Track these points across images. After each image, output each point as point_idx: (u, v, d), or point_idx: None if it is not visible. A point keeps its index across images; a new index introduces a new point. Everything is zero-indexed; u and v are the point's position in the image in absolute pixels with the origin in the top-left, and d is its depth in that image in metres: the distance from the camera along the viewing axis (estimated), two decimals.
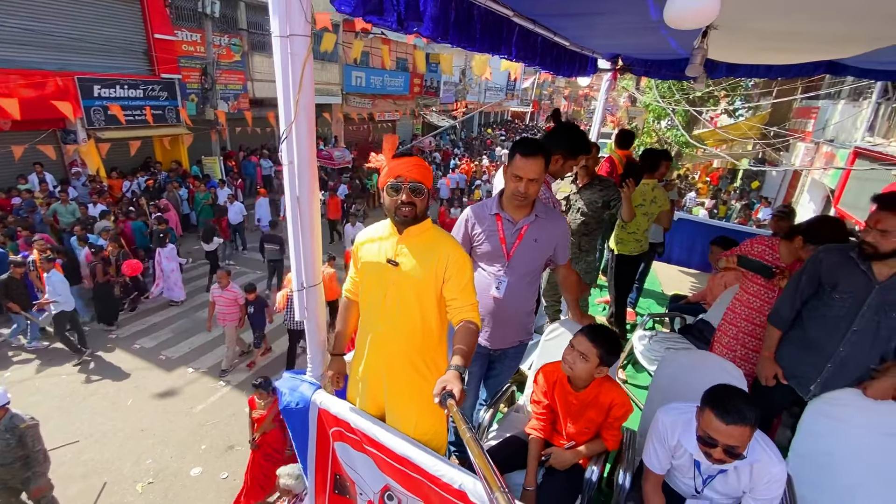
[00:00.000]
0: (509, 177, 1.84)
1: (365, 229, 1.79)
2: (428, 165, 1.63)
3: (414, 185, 1.57)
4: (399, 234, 1.64)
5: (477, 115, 27.30)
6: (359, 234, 1.78)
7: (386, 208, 1.63)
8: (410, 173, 1.57)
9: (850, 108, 9.43)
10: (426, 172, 1.59)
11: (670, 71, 5.13)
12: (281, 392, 1.89)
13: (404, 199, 1.57)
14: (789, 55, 3.90)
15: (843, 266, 1.95)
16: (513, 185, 1.82)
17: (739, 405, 1.41)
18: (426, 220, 1.65)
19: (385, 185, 1.60)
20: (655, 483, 1.71)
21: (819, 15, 2.49)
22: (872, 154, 7.69)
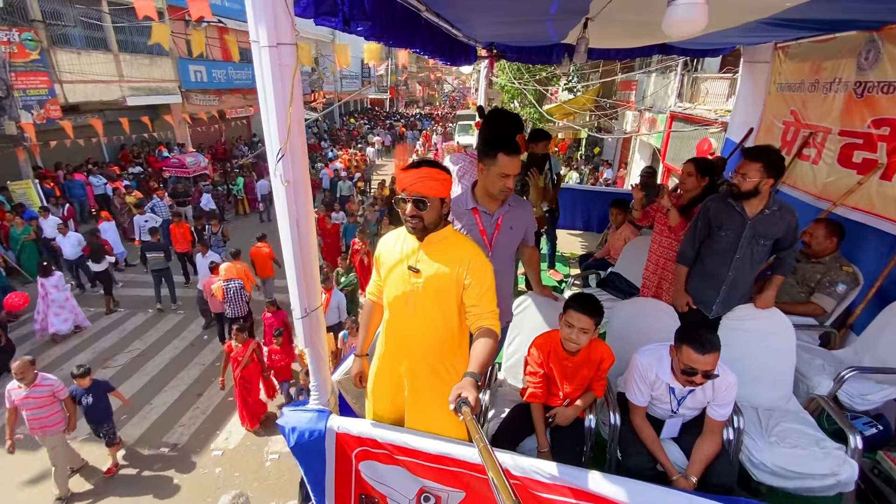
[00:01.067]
0: (494, 176, 1.93)
1: (387, 235, 1.79)
2: (439, 175, 1.61)
3: (416, 199, 1.58)
4: (420, 241, 1.65)
5: (337, 106, 26.37)
6: (381, 240, 1.77)
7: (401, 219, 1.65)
8: (414, 187, 1.58)
9: (661, 79, 11.44)
10: (434, 183, 1.59)
11: (539, 56, 5.68)
12: (287, 430, 1.75)
13: (408, 212, 1.58)
14: (637, 40, 4.63)
15: (724, 210, 2.49)
16: (500, 182, 1.93)
17: (709, 336, 1.76)
18: (447, 226, 1.68)
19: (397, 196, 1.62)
20: (642, 414, 2.04)
21: None
22: (684, 116, 9.51)
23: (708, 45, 5.06)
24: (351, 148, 20.41)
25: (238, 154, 17.90)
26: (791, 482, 2.03)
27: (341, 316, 6.09)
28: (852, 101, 3.27)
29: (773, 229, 2.37)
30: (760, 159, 2.28)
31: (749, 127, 5.01)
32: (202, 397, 6.10)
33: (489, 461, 1.08)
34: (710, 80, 8.93)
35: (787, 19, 2.98)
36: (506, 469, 1.67)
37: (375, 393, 1.88)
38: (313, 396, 1.79)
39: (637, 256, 3.67)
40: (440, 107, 45.30)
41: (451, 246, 1.66)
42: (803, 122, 3.92)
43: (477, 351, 1.53)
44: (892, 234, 2.90)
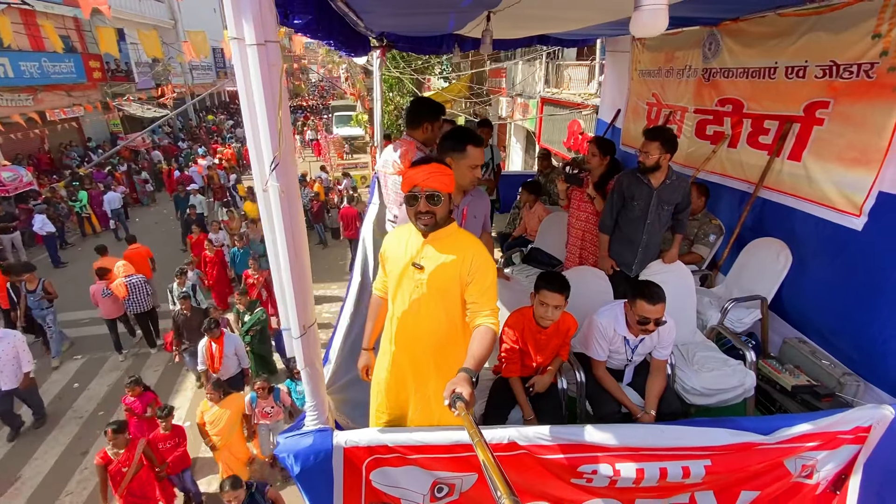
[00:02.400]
0: (465, 168, 1.99)
1: (391, 231, 1.72)
2: (446, 170, 1.61)
3: (430, 194, 1.57)
4: (424, 238, 1.63)
5: (190, 101, 23.42)
6: (387, 236, 1.74)
7: (408, 217, 1.63)
8: (426, 182, 1.57)
9: (528, 67, 12.41)
10: (444, 178, 1.59)
11: (430, 47, 5.76)
12: (289, 459, 1.63)
13: (421, 208, 1.57)
14: (523, 32, 4.99)
15: (634, 183, 2.90)
16: (471, 174, 2.00)
17: (656, 290, 2.07)
18: (451, 223, 1.68)
19: (406, 194, 1.58)
20: (603, 367, 2.32)
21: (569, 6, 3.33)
22: (553, 101, 10.49)
23: (579, 36, 5.66)
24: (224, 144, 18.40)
25: (69, 163, 14.96)
26: (713, 398, 2.50)
27: (242, 362, 5.19)
28: (702, 84, 3.98)
29: (674, 196, 2.83)
30: (658, 138, 2.70)
31: (617, 108, 5.77)
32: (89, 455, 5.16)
33: (485, 455, 1.09)
34: (571, 67, 9.96)
35: None
36: (512, 441, 1.79)
37: (379, 387, 1.89)
38: (311, 417, 1.68)
39: (553, 231, 4.05)
40: (308, 98, 43.04)
41: (455, 243, 1.69)
42: (664, 102, 4.65)
43: (474, 347, 1.56)
44: (742, 190, 3.63)
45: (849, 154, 2.73)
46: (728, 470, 1.97)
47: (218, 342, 4.94)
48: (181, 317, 5.69)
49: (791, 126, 3.13)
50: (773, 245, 3.29)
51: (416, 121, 2.64)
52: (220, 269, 7.72)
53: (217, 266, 7.68)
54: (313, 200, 11.09)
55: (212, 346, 4.96)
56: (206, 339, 4.95)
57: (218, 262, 7.68)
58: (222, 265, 7.75)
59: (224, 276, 7.83)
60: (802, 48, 2.97)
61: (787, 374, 2.81)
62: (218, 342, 4.94)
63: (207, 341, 4.96)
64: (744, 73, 3.50)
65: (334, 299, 8.76)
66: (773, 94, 3.27)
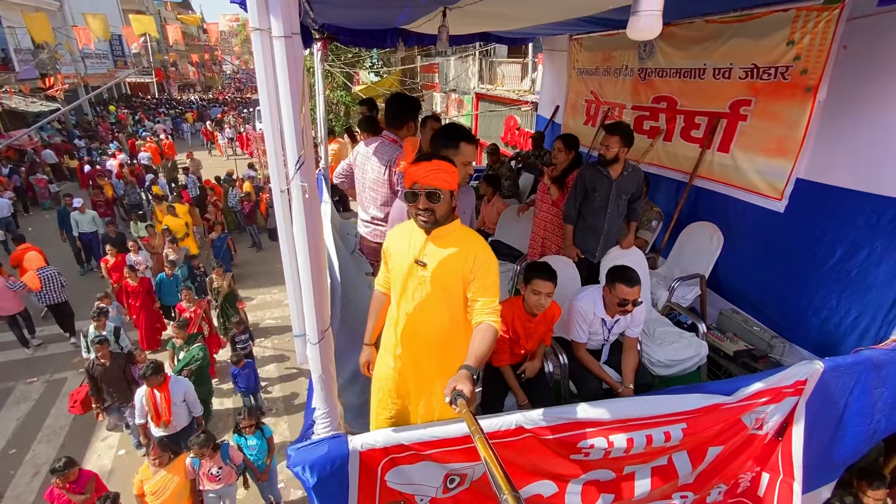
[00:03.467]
0: (458, 165, 1.97)
1: (394, 228, 1.69)
2: (449, 167, 1.59)
3: (430, 191, 1.56)
4: (427, 235, 1.63)
5: (83, 93, 20.86)
6: (389, 232, 1.73)
7: (409, 214, 1.61)
8: (426, 179, 1.56)
9: (461, 63, 12.60)
10: (445, 176, 1.59)
11: (373, 41, 5.66)
12: (304, 470, 1.56)
13: (421, 206, 1.56)
14: (471, 28, 5.06)
15: (595, 175, 3.10)
16: (464, 171, 2.01)
17: (633, 273, 2.25)
18: (454, 220, 1.68)
19: (407, 190, 1.57)
20: (584, 349, 2.48)
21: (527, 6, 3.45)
22: (488, 96, 10.76)
23: (520, 35, 5.86)
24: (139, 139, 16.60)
25: None
26: (674, 369, 2.77)
27: (193, 410, 4.30)
28: (638, 83, 4.32)
29: (630, 186, 3.07)
30: (618, 133, 2.91)
31: (556, 105, 6.07)
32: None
33: (486, 453, 1.09)
34: (504, 65, 10.28)
35: (590, 18, 3.74)
36: (520, 426, 1.87)
37: (380, 384, 1.89)
38: (322, 425, 1.62)
39: (512, 224, 4.20)
40: (223, 91, 40.20)
41: (458, 240, 1.69)
42: (602, 99, 4.98)
43: (475, 345, 1.57)
44: (678, 180, 4.02)
45: (770, 146, 3.12)
46: (700, 430, 2.20)
47: (163, 389, 4.05)
48: (98, 368, 4.53)
49: (719, 121, 3.51)
50: (706, 228, 3.68)
51: (400, 119, 2.60)
52: (144, 300, 6.31)
53: (141, 297, 6.26)
54: (244, 201, 10.43)
55: (155, 396, 4.04)
56: (146, 389, 4.03)
57: (143, 293, 6.27)
58: (148, 296, 6.38)
59: (151, 311, 6.50)
60: (728, 52, 3.34)
61: (728, 341, 3.18)
62: (163, 389, 4.05)
63: (148, 391, 4.03)
64: (676, 74, 3.86)
65: (276, 304, 8.36)
66: (702, 92, 3.64)
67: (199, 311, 5.65)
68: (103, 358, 4.55)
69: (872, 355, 2.38)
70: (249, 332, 5.85)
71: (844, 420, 2.49)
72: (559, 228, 3.45)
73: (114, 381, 4.59)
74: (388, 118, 2.78)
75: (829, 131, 2.78)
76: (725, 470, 2.44)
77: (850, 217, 2.66)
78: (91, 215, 8.78)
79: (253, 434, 3.91)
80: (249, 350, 5.62)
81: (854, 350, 2.54)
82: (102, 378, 4.59)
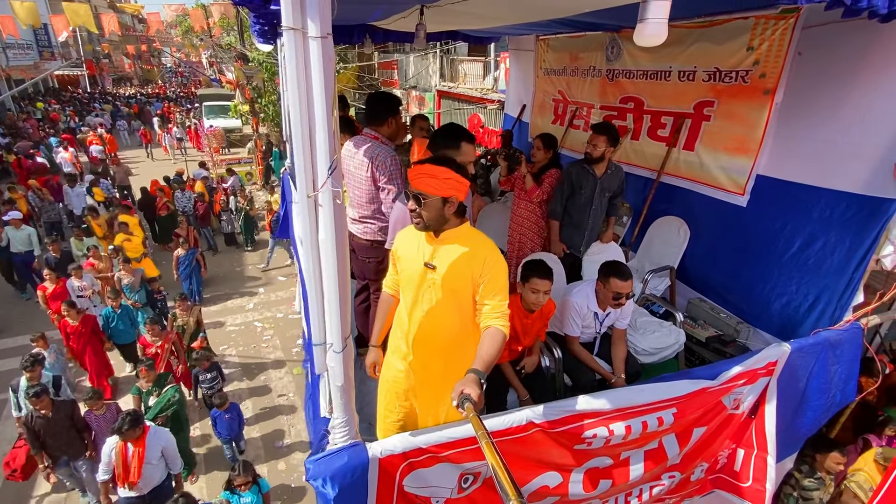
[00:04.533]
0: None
1: (403, 230, 1.69)
2: (440, 173, 1.57)
3: (415, 194, 1.57)
4: (436, 237, 1.62)
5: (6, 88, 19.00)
6: (398, 235, 1.73)
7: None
8: (413, 182, 1.57)
9: (421, 61, 12.56)
10: (431, 180, 1.58)
11: (340, 36, 5.52)
12: (325, 483, 1.52)
13: (410, 207, 1.57)
14: (441, 26, 5.05)
15: (582, 173, 3.22)
16: None
17: (626, 268, 2.35)
18: (464, 223, 1.67)
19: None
20: (577, 342, 2.56)
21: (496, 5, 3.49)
22: (450, 94, 10.80)
23: (487, 34, 5.91)
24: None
25: None
26: (656, 357, 2.92)
27: (172, 467, 3.69)
28: (606, 83, 4.49)
29: (613, 184, 3.22)
30: (605, 133, 3.03)
31: (522, 104, 6.19)
32: None
33: (491, 456, 1.10)
34: (466, 63, 10.34)
35: (560, 19, 3.84)
36: (530, 420, 1.91)
37: (388, 386, 1.89)
38: (339, 433, 1.59)
39: (491, 221, 4.25)
40: (164, 85, 37.85)
41: (468, 243, 1.69)
42: (570, 99, 5.13)
43: (483, 349, 1.58)
44: (645, 177, 4.21)
45: (732, 144, 3.35)
46: (688, 413, 2.34)
47: (138, 444, 3.39)
48: (39, 421, 3.79)
49: (684, 121, 3.71)
50: (673, 222, 3.89)
51: (381, 116, 2.57)
52: (87, 340, 5.16)
53: (85, 339, 5.13)
54: (197, 202, 9.88)
55: (126, 450, 3.40)
56: (118, 442, 3.39)
57: (86, 333, 5.15)
58: (94, 335, 5.26)
59: (99, 352, 5.34)
60: (692, 55, 3.53)
61: (699, 328, 3.39)
62: (138, 444, 3.39)
63: (121, 445, 3.39)
64: (643, 75, 4.05)
65: (238, 310, 8.02)
66: (668, 93, 3.84)
67: (167, 346, 4.92)
68: (44, 408, 3.76)
69: (830, 335, 2.62)
70: (219, 368, 5.15)
71: (806, 395, 2.73)
72: (535, 225, 3.54)
73: (61, 432, 3.85)
74: (367, 115, 2.74)
75: (785, 131, 3.01)
76: (707, 449, 2.61)
77: (806, 210, 2.91)
78: (27, 232, 7.45)
79: (249, 490, 3.47)
80: (219, 389, 4.90)
81: (813, 332, 2.78)
82: (46, 431, 3.82)
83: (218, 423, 4.48)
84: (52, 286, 5.96)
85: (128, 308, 5.71)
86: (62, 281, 6.00)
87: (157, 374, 4.38)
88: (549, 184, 3.53)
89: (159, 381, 4.32)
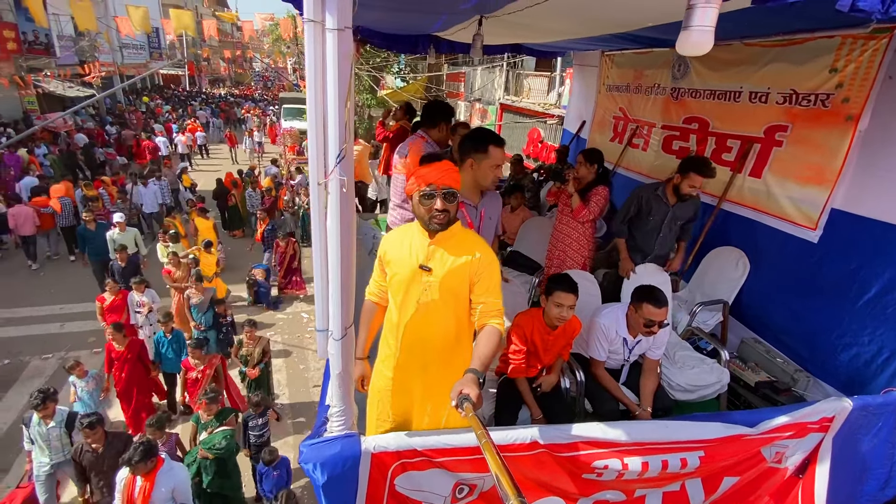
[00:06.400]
0: (487, 168, 1.99)
1: (390, 233, 1.67)
2: (456, 167, 1.60)
3: (447, 191, 1.56)
4: (430, 239, 1.61)
5: (118, 82, 21.49)
6: (385, 238, 1.69)
7: (418, 216, 1.58)
8: (442, 180, 1.55)
9: (487, 74, 12.67)
10: (456, 176, 1.59)
11: (405, 46, 5.72)
12: (315, 468, 1.55)
13: (439, 206, 1.55)
14: (503, 39, 5.08)
15: (653, 199, 3.13)
16: (492, 174, 2.00)
17: (661, 294, 2.20)
18: (457, 222, 1.66)
19: (415, 192, 1.53)
20: (602, 367, 2.42)
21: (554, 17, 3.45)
22: (513, 108, 10.78)
23: (551, 48, 5.87)
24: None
25: None
26: (695, 394, 2.69)
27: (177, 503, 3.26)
28: (670, 102, 4.28)
29: (687, 212, 3.13)
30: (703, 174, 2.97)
31: (582, 120, 6.05)
32: None
33: (492, 457, 1.09)
34: (531, 77, 10.29)
35: (624, 34, 3.72)
36: (534, 440, 1.83)
37: (380, 395, 1.84)
38: (336, 422, 1.61)
39: (533, 235, 4.16)
40: (252, 87, 41.07)
41: (461, 242, 1.67)
42: (631, 117, 4.94)
43: (480, 348, 1.56)
44: (704, 202, 3.94)
45: (805, 173, 3.05)
46: (718, 459, 2.13)
47: (147, 478, 3.08)
48: (87, 455, 3.52)
49: (752, 146, 3.44)
50: (732, 253, 3.60)
51: (433, 120, 2.92)
52: (132, 369, 4.57)
53: (128, 366, 4.54)
54: (265, 196, 10.50)
55: (135, 483, 3.11)
56: (128, 474, 3.13)
57: (132, 360, 4.56)
58: (139, 363, 4.67)
59: (144, 382, 4.75)
60: (766, 76, 3.28)
61: (749, 371, 3.09)
62: (147, 478, 3.08)
63: (129, 477, 3.12)
64: (710, 95, 3.81)
65: (288, 301, 8.40)
66: (736, 115, 3.58)
67: (209, 372, 4.46)
68: (95, 442, 3.48)
69: None
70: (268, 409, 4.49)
71: (867, 463, 2.40)
72: (576, 243, 3.42)
73: (108, 472, 3.48)
74: (422, 118, 3.08)
75: (869, 161, 2.70)
76: (740, 502, 2.36)
77: (887, 252, 2.58)
78: (132, 234, 7.13)
79: None
80: (267, 440, 4.33)
81: (884, 391, 2.45)
82: (92, 467, 3.55)
83: (265, 480, 3.91)
84: (112, 297, 5.51)
85: (179, 335, 5.18)
86: (123, 293, 5.60)
87: (219, 409, 3.98)
88: (595, 203, 3.40)
89: (220, 415, 3.95)
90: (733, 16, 2.32)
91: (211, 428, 3.85)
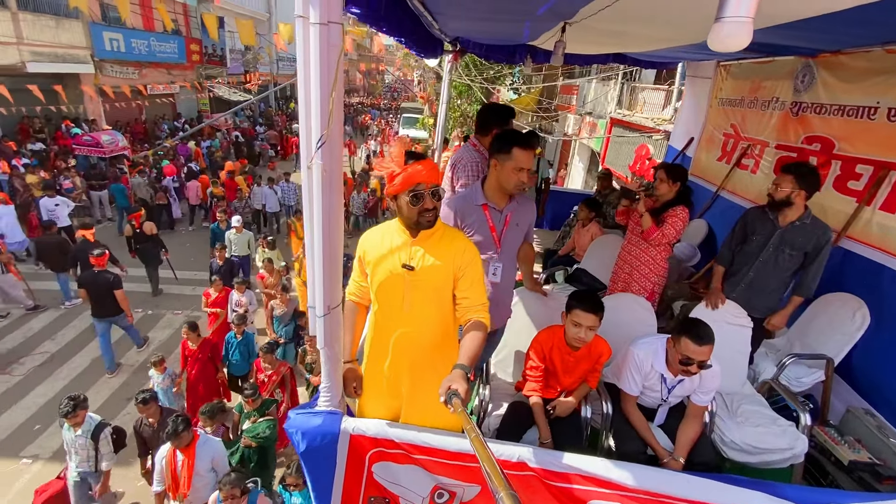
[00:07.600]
0: (509, 171, 1.94)
1: (369, 232, 1.72)
2: (436, 164, 1.61)
3: (435, 190, 1.56)
4: (413, 238, 1.62)
5: (272, 88, 24.98)
6: (364, 239, 1.71)
7: (405, 216, 1.60)
8: (431, 178, 1.56)
9: (601, 87, 12.11)
10: (439, 172, 1.60)
11: (502, 55, 5.77)
12: (296, 434, 1.66)
13: (429, 205, 1.56)
14: (599, 48, 4.86)
15: (760, 218, 2.76)
16: (515, 177, 1.94)
17: (706, 329, 1.92)
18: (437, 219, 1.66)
19: (401, 193, 1.56)
20: (633, 403, 2.18)
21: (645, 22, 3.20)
22: (623, 122, 10.15)
23: (658, 58, 5.44)
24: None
25: (160, 135, 16.36)
26: (755, 457, 2.27)
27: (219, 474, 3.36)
28: (788, 118, 3.68)
29: (802, 240, 2.61)
30: (792, 171, 2.53)
31: (690, 136, 5.47)
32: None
33: (481, 451, 1.09)
34: (647, 91, 9.59)
35: None
36: (522, 461, 1.71)
37: (369, 393, 1.85)
38: (324, 398, 1.70)
39: (602, 253, 3.88)
40: (381, 97, 44.55)
41: (443, 239, 1.66)
42: (742, 134, 4.35)
43: (467, 344, 1.56)
44: None
45: None
46: None
47: (187, 452, 3.27)
48: (146, 429, 3.83)
49: (888, 173, 2.81)
50: (850, 301, 2.96)
51: (486, 127, 2.62)
52: (202, 368, 4.91)
53: (199, 365, 4.89)
54: (370, 197, 11.34)
55: (176, 458, 3.30)
56: (169, 448, 3.33)
57: (202, 359, 4.91)
58: (210, 363, 4.99)
59: (211, 381, 5.02)
60: None
61: (846, 446, 2.51)
62: (187, 452, 3.27)
63: (170, 450, 3.32)
64: (839, 111, 3.20)
65: None
66: (870, 136, 2.96)
67: (275, 378, 4.58)
68: (151, 417, 3.77)
69: None
70: None
71: None
72: (647, 266, 3.10)
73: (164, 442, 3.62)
74: (476, 125, 2.84)
75: None
76: None
77: None
78: (247, 237, 7.65)
79: (299, 491, 3.38)
80: None
81: None
82: (151, 440, 3.82)
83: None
84: (216, 294, 5.91)
85: (249, 337, 5.24)
86: (226, 290, 5.92)
87: (262, 400, 4.12)
88: (671, 224, 3.05)
89: (262, 407, 4.09)
90: (873, 15, 1.94)
91: (254, 417, 3.99)
